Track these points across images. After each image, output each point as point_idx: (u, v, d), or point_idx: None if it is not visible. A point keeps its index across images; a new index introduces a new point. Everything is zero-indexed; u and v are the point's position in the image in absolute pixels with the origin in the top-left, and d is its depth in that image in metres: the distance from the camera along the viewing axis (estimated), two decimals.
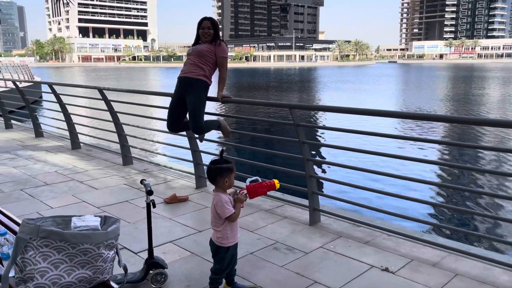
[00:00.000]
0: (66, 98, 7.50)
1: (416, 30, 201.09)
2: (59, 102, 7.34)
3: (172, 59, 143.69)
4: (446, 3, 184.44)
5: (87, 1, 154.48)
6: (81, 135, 7.66)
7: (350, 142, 10.49)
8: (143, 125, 7.64)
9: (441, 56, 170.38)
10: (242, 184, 2.76)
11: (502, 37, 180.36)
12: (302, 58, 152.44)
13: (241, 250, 3.16)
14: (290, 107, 4.04)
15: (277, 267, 3.23)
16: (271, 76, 69.46)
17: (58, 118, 8.02)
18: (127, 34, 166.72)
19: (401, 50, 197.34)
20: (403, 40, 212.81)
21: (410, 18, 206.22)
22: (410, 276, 3.09)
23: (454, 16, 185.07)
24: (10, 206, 4.45)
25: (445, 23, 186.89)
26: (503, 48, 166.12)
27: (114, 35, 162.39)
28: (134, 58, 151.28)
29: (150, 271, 2.92)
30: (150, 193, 2.81)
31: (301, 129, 4.02)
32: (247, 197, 2.68)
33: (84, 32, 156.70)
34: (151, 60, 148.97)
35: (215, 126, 4.37)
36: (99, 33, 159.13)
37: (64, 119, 7.48)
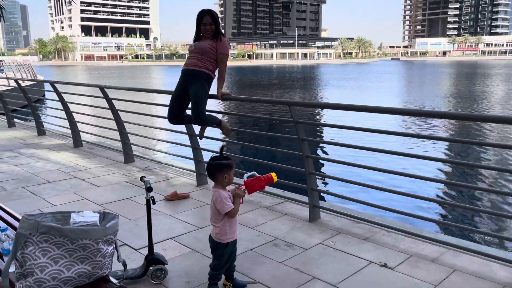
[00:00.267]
0: (68, 97, 7.55)
1: (419, 27, 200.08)
2: (61, 100, 7.38)
3: (174, 57, 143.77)
4: (449, 0, 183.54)
5: None
6: (83, 133, 7.70)
7: (349, 139, 10.52)
8: (145, 123, 7.66)
9: (444, 53, 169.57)
10: (242, 181, 2.78)
11: (506, 33, 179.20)
12: (305, 55, 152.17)
13: (240, 246, 3.18)
14: (290, 104, 4.05)
15: (276, 263, 3.25)
16: (273, 74, 69.41)
17: (60, 116, 8.06)
18: (130, 32, 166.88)
19: (404, 47, 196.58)
20: (406, 37, 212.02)
21: (413, 15, 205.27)
22: (408, 271, 3.11)
23: (457, 12, 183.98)
24: (12, 204, 4.49)
25: (448, 20, 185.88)
26: (507, 44, 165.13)
27: (117, 34, 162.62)
28: (136, 56, 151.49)
29: (150, 267, 2.95)
30: (150, 190, 2.83)
31: (300, 126, 4.04)
32: (246, 192, 2.70)
33: (86, 30, 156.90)
34: (154, 58, 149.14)
35: (216, 122, 4.38)
36: (102, 31, 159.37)
37: (66, 118, 7.52)
